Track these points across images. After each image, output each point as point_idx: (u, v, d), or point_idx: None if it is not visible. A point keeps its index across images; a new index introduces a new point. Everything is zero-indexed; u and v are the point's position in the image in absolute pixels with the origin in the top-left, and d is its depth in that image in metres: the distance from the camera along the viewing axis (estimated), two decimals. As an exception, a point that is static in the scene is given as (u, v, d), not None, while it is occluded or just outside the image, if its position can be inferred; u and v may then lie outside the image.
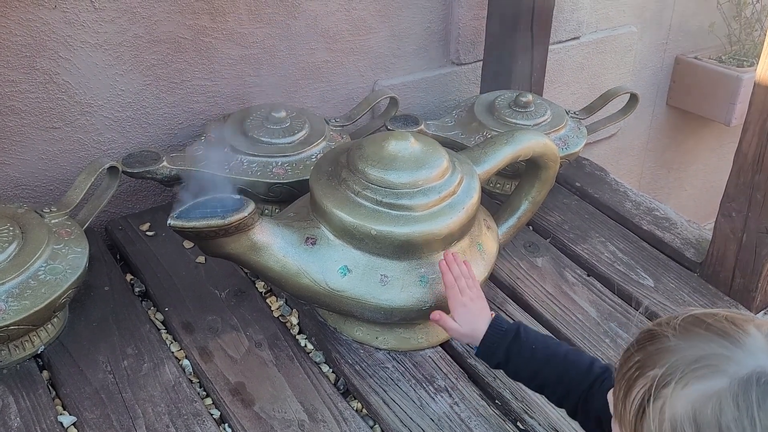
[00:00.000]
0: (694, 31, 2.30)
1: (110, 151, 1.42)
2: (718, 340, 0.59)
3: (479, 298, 1.01)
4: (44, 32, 1.26)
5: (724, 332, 0.59)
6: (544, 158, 1.23)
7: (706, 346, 0.59)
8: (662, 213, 1.55)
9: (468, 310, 0.99)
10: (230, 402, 1.06)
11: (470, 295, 1.01)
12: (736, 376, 0.56)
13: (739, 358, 0.57)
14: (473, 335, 0.98)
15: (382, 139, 1.12)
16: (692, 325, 0.61)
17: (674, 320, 0.62)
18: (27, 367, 1.09)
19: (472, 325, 0.98)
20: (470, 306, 0.99)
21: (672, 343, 0.60)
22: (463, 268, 1.05)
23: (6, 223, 1.09)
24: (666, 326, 0.62)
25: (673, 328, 0.62)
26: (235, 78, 1.49)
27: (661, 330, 0.62)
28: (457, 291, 1.01)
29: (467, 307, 0.99)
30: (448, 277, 1.03)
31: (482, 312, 0.99)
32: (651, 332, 0.64)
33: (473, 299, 1.00)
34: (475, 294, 1.01)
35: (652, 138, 2.43)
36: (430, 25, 1.70)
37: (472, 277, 1.04)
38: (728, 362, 0.57)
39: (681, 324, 0.62)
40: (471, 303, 1.00)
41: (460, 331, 0.99)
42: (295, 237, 1.08)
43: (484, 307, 1.00)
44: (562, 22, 1.91)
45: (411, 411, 1.06)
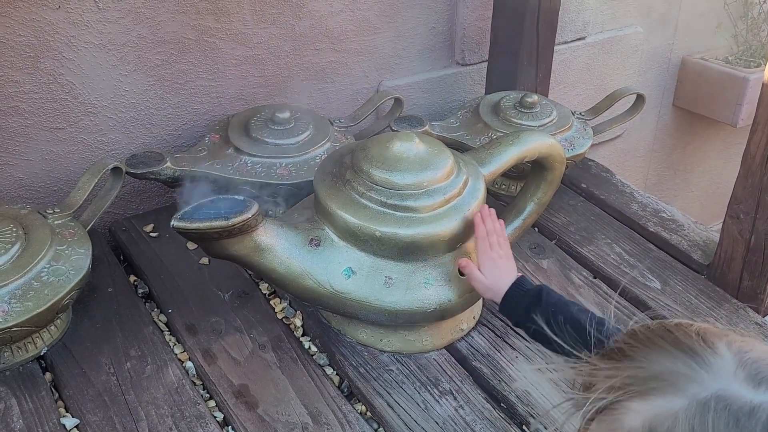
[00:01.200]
0: (701, 31, 2.29)
1: (114, 152, 1.41)
2: (683, 358, 0.56)
3: (508, 257, 1.04)
4: (48, 32, 1.25)
5: (691, 350, 0.57)
6: (549, 159, 1.22)
7: (670, 363, 0.57)
8: (669, 215, 1.54)
9: (495, 265, 1.02)
10: (234, 404, 1.05)
11: (499, 252, 1.03)
12: (695, 398, 0.54)
13: (702, 379, 0.55)
14: (496, 290, 1.00)
15: (387, 140, 1.11)
16: (661, 338, 0.59)
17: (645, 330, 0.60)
18: (30, 369, 1.09)
19: (496, 279, 1.01)
20: (498, 261, 1.02)
21: (637, 353, 0.59)
22: (497, 226, 1.07)
23: (9, 224, 1.09)
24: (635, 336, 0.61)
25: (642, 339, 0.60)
26: (240, 78, 1.49)
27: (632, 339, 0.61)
28: (488, 244, 1.04)
29: (495, 261, 1.02)
30: (481, 228, 1.05)
31: (509, 270, 1.02)
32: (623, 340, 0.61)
33: (502, 257, 1.03)
34: (504, 252, 1.04)
35: (658, 139, 2.42)
36: (435, 25, 1.70)
37: (504, 237, 1.07)
38: (690, 383, 0.55)
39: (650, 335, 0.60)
40: (499, 259, 1.03)
41: (484, 282, 1.02)
42: (299, 238, 1.08)
43: (512, 267, 1.03)
44: (568, 23, 1.90)
45: (416, 414, 1.06)
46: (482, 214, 1.08)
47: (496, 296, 1.01)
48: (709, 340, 0.57)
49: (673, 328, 0.59)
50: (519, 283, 1.00)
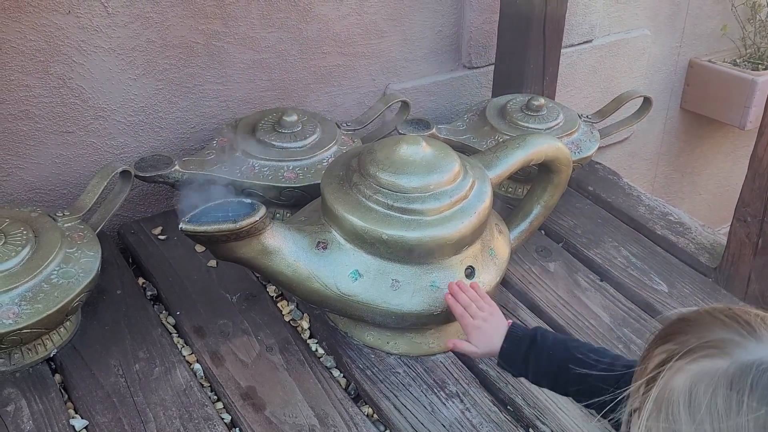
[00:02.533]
0: (708, 34, 2.28)
1: (123, 155, 1.42)
2: (736, 329, 0.60)
3: (492, 315, 1.01)
4: (58, 37, 1.27)
5: (747, 323, 0.60)
6: (556, 162, 1.23)
7: (723, 332, 0.60)
8: (676, 217, 1.54)
9: (483, 332, 0.99)
10: (241, 406, 1.06)
11: (483, 316, 1.00)
12: (738, 360, 0.57)
13: (750, 346, 0.58)
14: (492, 352, 0.97)
15: (394, 143, 1.12)
16: (720, 312, 0.62)
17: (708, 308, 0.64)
18: (40, 371, 1.09)
19: (488, 343, 0.97)
20: (484, 327, 0.99)
21: (695, 324, 0.62)
22: (470, 293, 1.04)
23: (19, 227, 1.10)
24: (696, 312, 0.64)
25: (701, 314, 0.63)
26: (247, 82, 1.50)
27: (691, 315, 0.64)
28: (469, 317, 1.01)
29: (481, 329, 0.99)
30: (457, 308, 1.02)
31: (498, 328, 0.98)
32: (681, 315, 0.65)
33: (486, 319, 1.00)
34: (487, 313, 1.01)
35: (665, 142, 2.41)
36: (442, 28, 1.70)
37: (482, 296, 1.04)
38: (737, 348, 0.58)
39: (709, 311, 0.63)
40: (485, 324, 0.99)
41: (478, 353, 0.99)
42: (306, 241, 1.08)
43: (499, 322, 0.99)
44: (575, 26, 1.90)
45: (422, 416, 1.06)
46: (453, 292, 1.05)
47: (493, 355, 0.98)
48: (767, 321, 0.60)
49: (735, 308, 0.62)
50: (511, 333, 0.97)
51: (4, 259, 1.04)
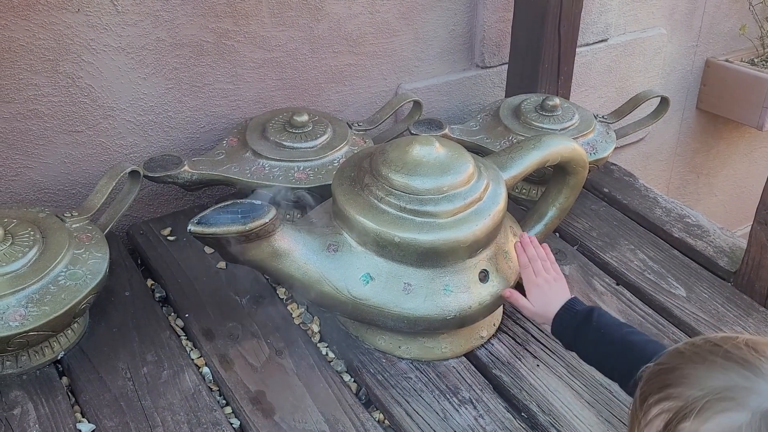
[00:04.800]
0: (726, 33, 2.25)
1: (133, 155, 1.41)
2: (738, 370, 0.56)
3: (556, 280, 1.02)
4: (67, 36, 1.25)
5: (744, 360, 0.56)
6: (572, 164, 1.20)
7: (726, 377, 0.56)
8: (694, 220, 1.51)
9: (541, 290, 1.00)
10: (250, 411, 1.04)
11: (545, 277, 1.02)
12: (758, 410, 0.53)
13: (761, 389, 0.55)
14: (546, 315, 0.98)
15: (406, 143, 1.10)
16: (710, 353, 0.58)
17: (692, 347, 0.60)
18: (47, 373, 1.08)
19: (544, 304, 0.98)
20: (544, 286, 1.00)
21: (690, 371, 0.58)
22: (540, 251, 1.06)
23: (27, 228, 1.09)
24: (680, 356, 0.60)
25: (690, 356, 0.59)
26: (258, 81, 1.48)
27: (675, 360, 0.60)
28: (531, 271, 1.02)
29: (541, 287, 1.00)
30: (522, 257, 1.04)
31: (558, 293, 0.99)
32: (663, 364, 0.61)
33: (548, 280, 1.01)
34: (551, 276, 1.02)
35: (681, 142, 2.38)
36: (455, 27, 1.68)
37: (551, 260, 1.05)
38: (749, 394, 0.54)
39: (698, 351, 0.59)
40: (545, 284, 1.01)
41: (531, 309, 1.01)
42: (317, 243, 1.06)
43: (562, 289, 1.00)
44: (590, 24, 1.87)
45: (434, 423, 1.04)
46: (522, 242, 1.07)
47: (546, 320, 0.99)
48: (760, 350, 0.57)
49: (720, 341, 0.58)
50: (569, 305, 0.97)
51: (11, 261, 1.03)
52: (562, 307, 0.97)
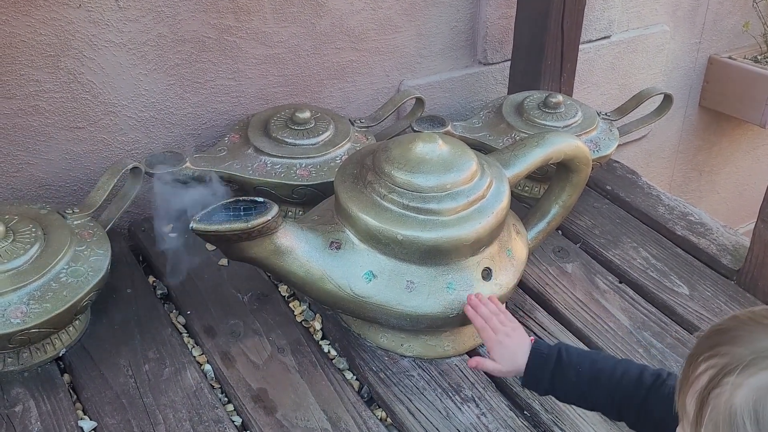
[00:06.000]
0: (729, 30, 2.24)
1: (134, 152, 1.40)
2: None
3: (514, 330, 0.97)
4: (69, 31, 1.25)
5: None
6: (575, 161, 1.19)
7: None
8: (697, 218, 1.50)
9: (505, 347, 0.95)
10: (252, 409, 1.04)
11: (505, 331, 0.97)
12: None
13: None
14: (516, 368, 0.94)
15: (409, 140, 1.09)
16: (763, 317, 0.60)
17: (749, 312, 0.61)
18: (48, 371, 1.08)
19: (512, 360, 0.94)
20: (507, 342, 0.96)
21: (739, 333, 0.59)
22: (491, 306, 1.01)
23: (28, 225, 1.08)
24: (734, 319, 0.62)
25: (744, 320, 0.60)
26: (260, 78, 1.47)
27: (729, 323, 0.62)
28: (490, 331, 0.97)
29: (503, 343, 0.96)
30: (478, 321, 1.00)
31: (521, 344, 0.95)
32: (719, 326, 0.63)
33: (509, 334, 0.97)
34: (509, 328, 0.97)
35: (683, 140, 2.37)
36: (457, 24, 1.67)
37: (503, 311, 1.01)
38: None
39: (751, 316, 0.61)
40: (507, 339, 0.96)
41: (502, 370, 0.96)
42: (319, 241, 1.06)
43: (522, 338, 0.96)
44: (593, 21, 1.86)
45: (437, 421, 1.03)
46: (472, 305, 1.02)
47: (517, 373, 0.95)
48: None
49: None
50: (535, 350, 0.94)
51: (13, 257, 1.03)
52: (529, 356, 0.93)
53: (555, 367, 0.91)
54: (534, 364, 0.93)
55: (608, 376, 0.88)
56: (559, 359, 0.91)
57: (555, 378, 0.91)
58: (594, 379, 0.89)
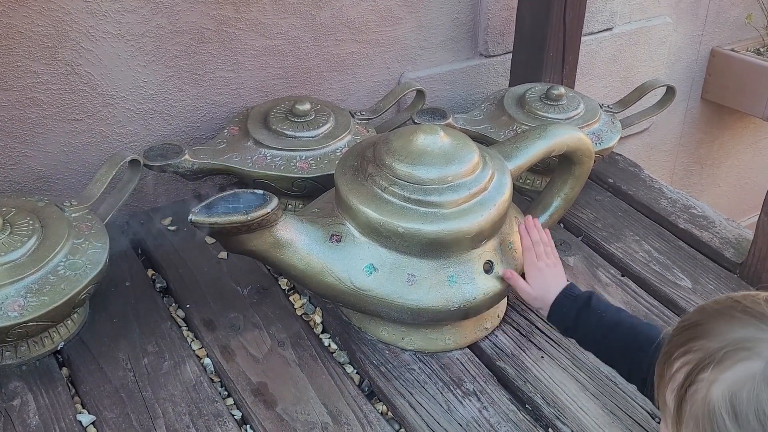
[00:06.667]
0: (731, 22, 2.23)
1: (133, 144, 1.39)
2: (755, 323, 0.58)
3: (556, 265, 1.02)
4: (66, 22, 1.24)
5: (761, 314, 0.58)
6: (578, 153, 1.19)
7: (744, 330, 0.58)
8: (699, 211, 1.49)
9: (542, 274, 1.01)
10: (252, 403, 1.03)
11: (546, 261, 1.02)
12: None
13: None
14: (544, 299, 0.99)
15: (410, 132, 1.08)
16: (730, 308, 0.60)
17: (714, 303, 0.62)
18: (46, 364, 1.07)
19: (544, 288, 0.99)
20: (545, 270, 1.01)
21: (709, 326, 0.60)
22: (543, 236, 1.06)
23: (26, 217, 1.07)
24: (701, 312, 0.62)
25: (711, 312, 0.61)
26: (259, 70, 1.46)
27: (696, 316, 0.62)
28: (533, 254, 1.03)
29: (542, 271, 1.01)
30: (526, 239, 1.05)
31: (557, 278, 1.00)
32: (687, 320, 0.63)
33: (549, 265, 1.02)
34: (552, 261, 1.03)
35: (685, 133, 2.36)
36: (458, 15, 1.66)
37: (551, 246, 1.05)
38: (765, 345, 0.56)
39: (717, 307, 0.61)
40: (546, 268, 1.01)
41: (531, 293, 1.01)
42: (320, 234, 1.05)
43: (560, 275, 1.01)
44: (595, 13, 1.85)
45: (438, 415, 1.03)
46: (527, 225, 1.07)
47: (544, 305, 0.99)
48: None
49: (740, 298, 0.60)
50: (567, 290, 0.98)
51: (10, 250, 1.02)
52: (561, 292, 0.98)
53: (581, 308, 0.95)
54: (562, 300, 0.97)
55: (627, 330, 0.92)
56: (587, 303, 0.95)
57: (578, 319, 0.95)
58: (613, 329, 0.92)
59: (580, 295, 0.97)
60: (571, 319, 0.96)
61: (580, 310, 0.95)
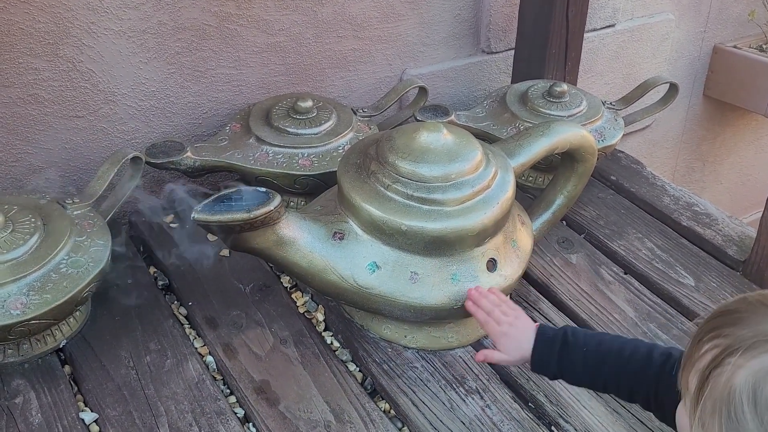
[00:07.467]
0: (734, 18, 2.22)
1: (134, 141, 1.39)
2: None
3: (518, 318, 0.96)
4: (67, 19, 1.23)
5: None
6: (581, 151, 1.18)
7: None
8: (702, 208, 1.49)
9: (510, 338, 0.94)
10: (254, 401, 1.03)
11: (508, 321, 0.96)
12: None
13: None
14: (523, 356, 0.93)
15: (413, 130, 1.08)
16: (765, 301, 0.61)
17: (759, 296, 0.62)
18: (49, 362, 1.07)
19: (518, 348, 0.93)
20: (511, 332, 0.95)
21: (746, 315, 0.60)
22: (492, 298, 1.00)
23: (28, 215, 1.07)
24: (743, 301, 0.62)
25: (753, 303, 0.61)
26: (261, 66, 1.46)
27: (737, 304, 0.62)
28: (494, 324, 0.96)
29: (508, 335, 0.95)
30: (480, 314, 0.98)
31: (525, 331, 0.94)
32: (726, 306, 0.63)
33: (512, 323, 0.95)
34: (512, 317, 0.96)
35: (687, 130, 2.36)
36: (461, 12, 1.65)
37: (504, 301, 1.00)
38: None
39: (760, 298, 0.61)
40: (511, 329, 0.95)
41: (510, 360, 0.95)
42: (323, 231, 1.05)
43: (526, 325, 0.95)
44: (597, 9, 1.84)
45: (441, 413, 1.03)
46: (472, 299, 1.00)
47: (525, 361, 0.94)
48: None
49: None
50: (541, 335, 0.93)
51: (12, 248, 1.02)
52: (534, 340, 0.92)
53: (561, 348, 0.90)
54: (540, 347, 0.92)
55: (615, 356, 0.88)
56: (565, 341, 0.90)
57: (562, 360, 0.90)
58: (601, 361, 0.88)
59: (554, 335, 0.92)
60: (555, 363, 0.91)
61: (560, 352, 0.90)
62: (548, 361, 0.91)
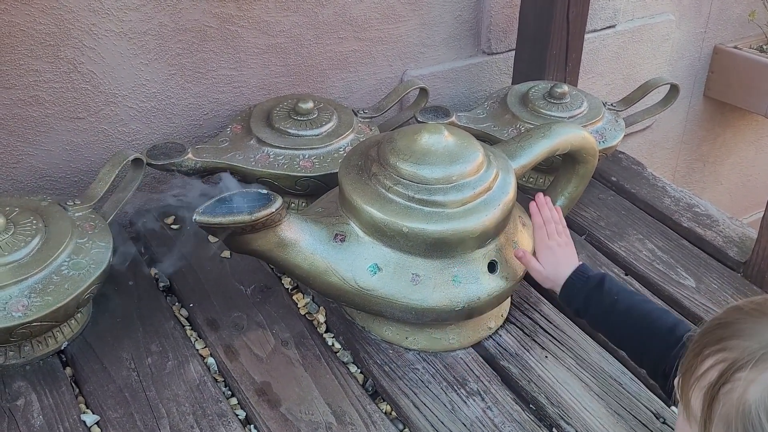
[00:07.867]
0: (734, 19, 2.22)
1: (135, 142, 1.39)
2: None
3: (567, 245, 1.01)
4: (68, 20, 1.23)
5: None
6: (582, 152, 1.18)
7: None
8: (703, 209, 1.49)
9: (553, 253, 0.99)
10: (256, 403, 1.03)
11: (558, 240, 1.00)
12: None
13: None
14: (555, 279, 0.97)
15: (415, 131, 1.08)
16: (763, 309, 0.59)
17: (751, 303, 0.60)
18: (50, 364, 1.07)
19: (555, 268, 0.97)
20: (555, 249, 0.99)
21: (746, 325, 0.58)
22: (554, 214, 1.05)
23: (29, 217, 1.07)
24: (738, 311, 0.60)
25: (749, 312, 0.59)
26: (262, 68, 1.46)
27: (732, 315, 0.60)
28: (545, 233, 1.01)
29: (552, 249, 0.99)
30: (537, 218, 1.03)
31: (568, 258, 0.98)
32: (721, 319, 0.61)
33: (560, 245, 1.00)
34: (563, 240, 1.01)
35: (688, 130, 2.36)
36: (461, 13, 1.65)
37: (563, 224, 1.04)
38: None
39: (756, 307, 0.60)
40: (557, 247, 0.99)
41: (542, 273, 0.99)
42: (324, 233, 1.05)
43: (572, 254, 0.99)
44: (598, 10, 1.84)
45: (442, 415, 1.03)
46: (538, 203, 1.05)
47: (555, 285, 0.98)
48: None
49: None
50: (580, 270, 0.96)
51: (13, 250, 1.02)
52: (573, 271, 0.96)
53: (594, 289, 0.93)
54: (575, 279, 0.95)
55: (641, 317, 0.89)
56: (601, 284, 0.93)
57: (590, 300, 0.93)
58: (626, 316, 0.90)
59: (592, 276, 0.95)
60: (582, 299, 0.94)
61: (591, 291, 0.93)
62: (577, 295, 0.94)
